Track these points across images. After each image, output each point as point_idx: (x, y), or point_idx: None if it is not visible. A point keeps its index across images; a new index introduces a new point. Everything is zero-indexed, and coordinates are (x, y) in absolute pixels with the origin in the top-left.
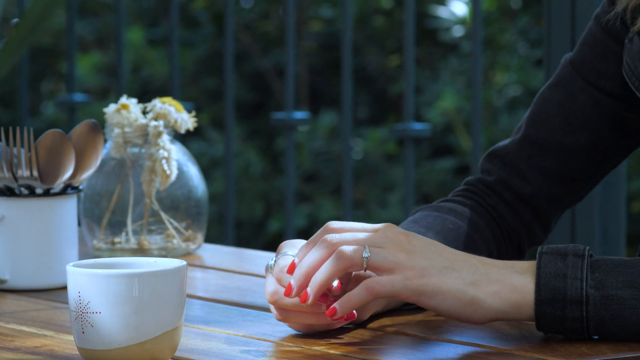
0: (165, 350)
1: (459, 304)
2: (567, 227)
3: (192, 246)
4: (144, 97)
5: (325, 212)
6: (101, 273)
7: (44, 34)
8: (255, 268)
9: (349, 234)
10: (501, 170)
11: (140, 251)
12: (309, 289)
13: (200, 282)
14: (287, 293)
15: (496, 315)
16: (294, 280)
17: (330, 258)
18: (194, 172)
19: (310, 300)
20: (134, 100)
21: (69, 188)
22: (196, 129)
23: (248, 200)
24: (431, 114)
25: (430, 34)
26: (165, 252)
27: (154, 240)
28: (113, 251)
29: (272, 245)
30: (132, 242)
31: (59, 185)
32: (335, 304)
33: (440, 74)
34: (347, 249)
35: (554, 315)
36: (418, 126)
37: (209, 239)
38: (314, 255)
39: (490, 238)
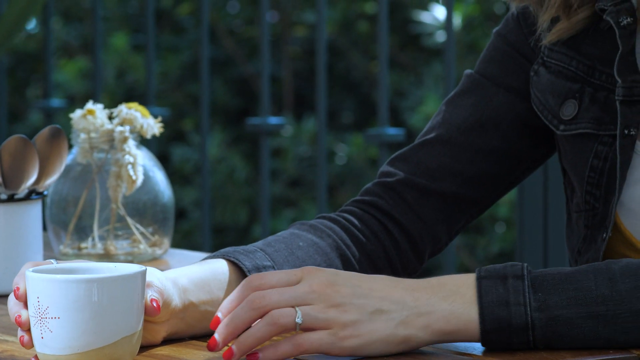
0: (125, 355)
1: (390, 346)
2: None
3: (158, 251)
4: (130, 102)
5: (310, 216)
6: (60, 278)
7: (29, 39)
8: None
9: (275, 293)
10: (405, 170)
11: (107, 256)
12: (235, 348)
13: None
14: (212, 347)
15: (431, 343)
16: (218, 335)
17: (262, 323)
18: (160, 178)
19: (234, 359)
20: (100, 106)
21: (34, 193)
22: (180, 135)
23: (232, 205)
24: (414, 118)
25: (414, 39)
26: (132, 257)
27: (120, 246)
28: (80, 256)
29: None
30: (99, 248)
31: (23, 190)
32: (260, 354)
33: (423, 79)
34: (279, 314)
35: (500, 342)
36: (392, 131)
37: (191, 245)
38: (242, 315)
39: (370, 251)
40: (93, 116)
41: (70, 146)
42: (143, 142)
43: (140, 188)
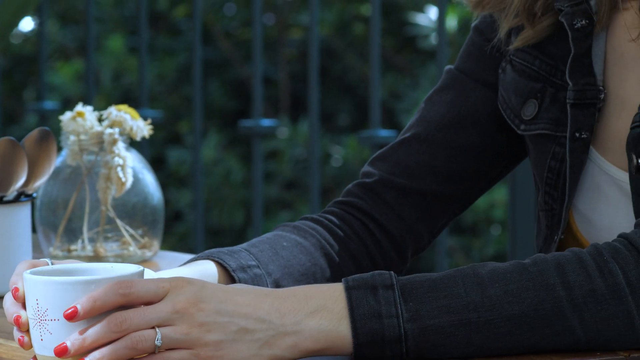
0: None
1: None
2: (531, 208)
3: (148, 253)
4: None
5: None
6: (59, 280)
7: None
8: None
9: (137, 316)
10: (384, 170)
11: (96, 258)
12: None
13: None
14: (60, 353)
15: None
16: (71, 345)
17: (121, 344)
18: (149, 180)
19: None
20: (89, 108)
21: (23, 196)
22: (177, 137)
23: (228, 207)
24: (409, 120)
25: (410, 42)
26: (121, 259)
27: (110, 248)
28: (69, 258)
29: None
30: (88, 250)
31: (12, 192)
32: None
33: (419, 81)
34: (138, 339)
35: (372, 355)
36: (385, 133)
37: (187, 247)
38: (101, 335)
39: (353, 250)
40: (83, 118)
41: (60, 148)
42: (139, 144)
43: (130, 190)
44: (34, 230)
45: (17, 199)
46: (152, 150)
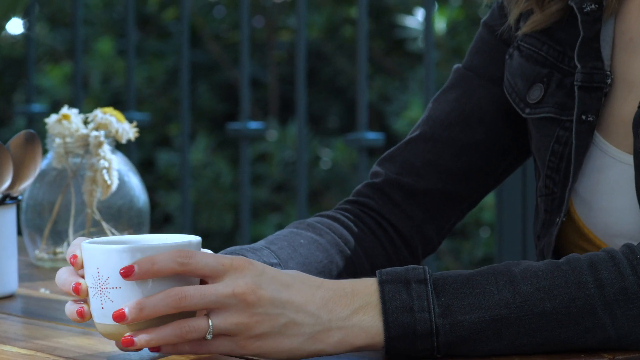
0: None
1: (294, 357)
2: (518, 210)
3: None
4: (114, 107)
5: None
6: (120, 248)
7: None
8: None
9: (197, 295)
10: (391, 170)
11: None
12: (137, 340)
13: None
14: (118, 319)
15: (336, 354)
16: (129, 314)
17: (171, 331)
18: (135, 183)
19: (134, 348)
20: (75, 111)
21: (8, 198)
22: (166, 140)
23: (218, 211)
24: (399, 123)
25: (399, 44)
26: None
27: None
28: (55, 261)
29: None
30: None
31: None
32: (162, 347)
33: (408, 83)
34: (191, 330)
35: (404, 349)
36: (372, 135)
37: None
38: (159, 308)
39: (368, 248)
40: (68, 121)
41: (46, 151)
42: (126, 147)
43: (116, 193)
44: (19, 232)
45: (2, 202)
46: (141, 153)
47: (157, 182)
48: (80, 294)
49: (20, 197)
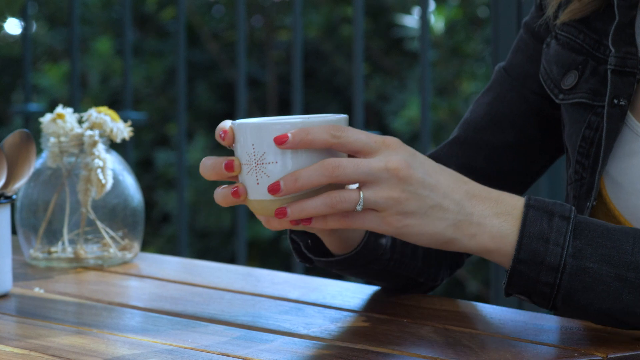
0: None
1: (433, 242)
2: None
3: (128, 255)
4: (113, 106)
5: None
6: (277, 122)
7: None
8: (190, 277)
9: (350, 166)
10: None
11: (77, 260)
12: (289, 212)
13: (135, 290)
14: (273, 191)
15: (468, 252)
16: (284, 186)
17: (322, 202)
18: (129, 182)
19: (286, 219)
20: (69, 110)
21: (2, 197)
22: (165, 139)
23: (216, 210)
24: (397, 122)
25: (397, 43)
26: (102, 261)
27: (90, 249)
28: (50, 260)
29: (242, 254)
30: (69, 251)
31: None
32: (313, 220)
33: (407, 83)
34: (341, 200)
35: (528, 276)
36: None
37: (175, 249)
38: (312, 178)
39: None
40: (63, 120)
41: (41, 150)
42: (123, 146)
43: (110, 192)
44: (14, 232)
45: None
46: (139, 152)
47: (155, 182)
48: (234, 170)
49: (14, 197)
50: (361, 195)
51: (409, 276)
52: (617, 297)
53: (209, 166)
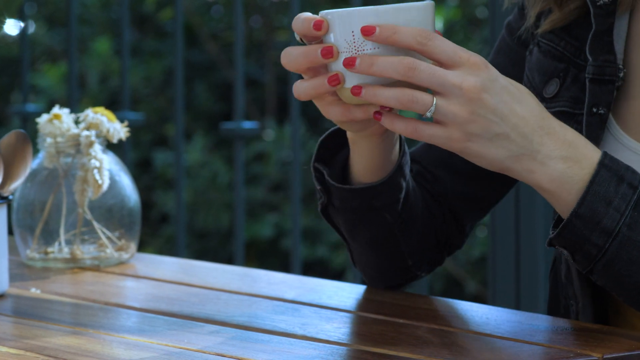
0: None
1: (493, 167)
2: (511, 210)
3: (125, 255)
4: (112, 107)
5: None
6: (381, 8)
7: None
8: (187, 277)
9: (427, 72)
10: (413, 171)
11: (73, 260)
12: (364, 92)
13: (131, 291)
14: (349, 65)
15: (522, 181)
16: (359, 60)
17: (396, 95)
18: (126, 182)
19: (359, 98)
20: (66, 110)
21: None
22: (163, 139)
23: (215, 210)
24: None
25: None
26: (98, 262)
27: (86, 250)
28: (46, 261)
29: (239, 255)
30: (65, 252)
31: None
32: (383, 117)
33: None
34: (415, 100)
35: (581, 233)
36: None
37: (174, 249)
38: (387, 69)
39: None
40: (59, 121)
41: (37, 150)
42: (121, 146)
43: (107, 192)
44: (10, 232)
45: None
46: (138, 153)
47: (154, 182)
48: (333, 56)
49: (11, 197)
50: (434, 102)
51: (403, 252)
52: None
53: (299, 54)
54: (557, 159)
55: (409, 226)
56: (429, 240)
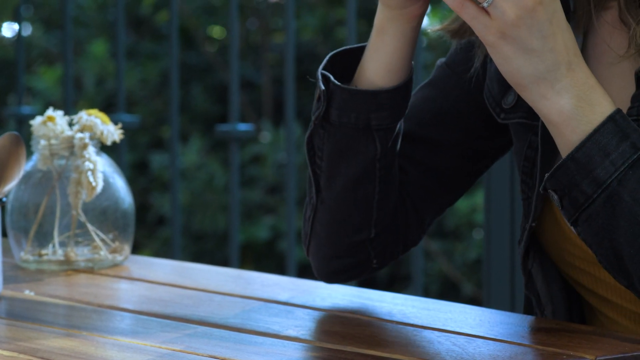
0: None
1: (510, 78)
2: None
3: (119, 257)
4: (109, 109)
5: (290, 223)
6: None
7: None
8: (180, 279)
9: None
10: None
11: (67, 262)
12: None
13: (125, 293)
14: None
15: (531, 105)
16: None
17: None
18: (120, 184)
19: None
20: (60, 112)
21: None
22: (160, 142)
23: (211, 212)
24: None
25: None
26: (92, 264)
27: (80, 252)
28: (40, 263)
29: (234, 257)
30: (59, 254)
31: None
32: None
33: None
34: None
35: (572, 177)
36: None
37: (171, 251)
38: None
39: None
40: (53, 123)
41: (31, 153)
42: (117, 148)
43: (101, 194)
44: (4, 234)
45: None
46: (135, 155)
47: (151, 184)
48: None
49: (4, 199)
50: None
51: (371, 216)
52: (634, 239)
53: None
54: (572, 96)
55: (387, 188)
56: (394, 221)
